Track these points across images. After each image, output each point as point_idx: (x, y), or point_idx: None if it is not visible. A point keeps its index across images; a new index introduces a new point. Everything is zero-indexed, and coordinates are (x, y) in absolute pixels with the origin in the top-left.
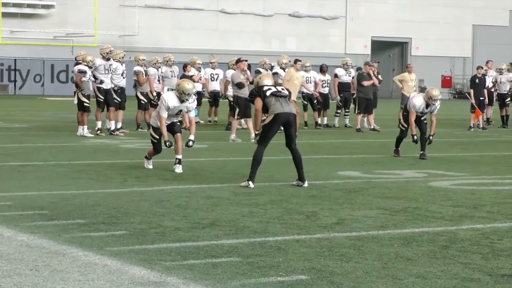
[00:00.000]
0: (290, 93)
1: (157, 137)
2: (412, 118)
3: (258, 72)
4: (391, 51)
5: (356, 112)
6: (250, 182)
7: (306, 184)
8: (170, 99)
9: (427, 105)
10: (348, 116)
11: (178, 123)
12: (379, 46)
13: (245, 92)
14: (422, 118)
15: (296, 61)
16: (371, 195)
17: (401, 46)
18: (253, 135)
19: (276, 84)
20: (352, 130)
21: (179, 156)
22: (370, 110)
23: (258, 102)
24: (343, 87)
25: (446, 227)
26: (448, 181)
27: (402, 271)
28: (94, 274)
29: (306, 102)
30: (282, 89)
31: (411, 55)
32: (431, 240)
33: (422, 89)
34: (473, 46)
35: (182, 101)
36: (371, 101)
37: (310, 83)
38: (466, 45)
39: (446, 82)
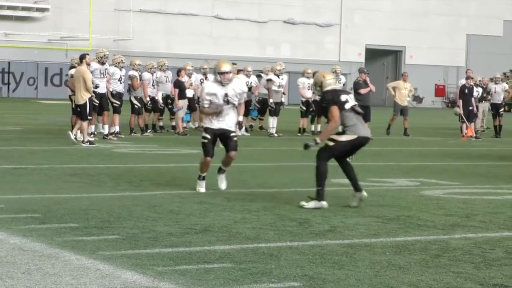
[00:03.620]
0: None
1: (208, 136)
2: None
3: (259, 76)
4: (385, 59)
5: None
6: (324, 202)
7: (365, 194)
8: (208, 85)
9: None
10: None
11: (235, 139)
12: (373, 54)
13: None
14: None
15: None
16: (364, 203)
17: (395, 55)
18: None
19: (345, 92)
20: None
21: (224, 168)
22: (367, 118)
23: (336, 112)
24: None
25: (438, 236)
26: (441, 190)
27: (394, 279)
28: (86, 278)
29: (304, 108)
30: (356, 104)
31: (405, 64)
32: (423, 249)
33: (416, 98)
34: (466, 55)
35: (222, 85)
36: (368, 109)
37: (251, 87)
38: (460, 54)
39: (440, 91)
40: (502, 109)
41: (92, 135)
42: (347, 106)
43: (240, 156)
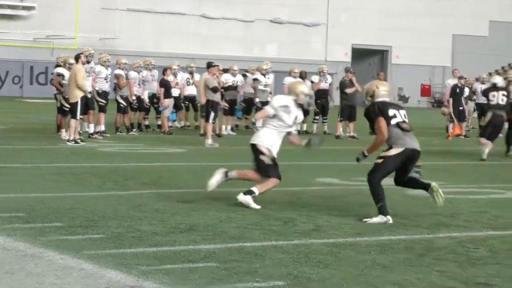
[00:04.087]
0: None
1: (274, 156)
2: None
3: (244, 76)
4: (371, 59)
5: (339, 119)
6: (389, 217)
7: (434, 184)
8: (281, 98)
9: None
10: (326, 123)
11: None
12: (360, 54)
13: (218, 97)
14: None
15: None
16: (349, 202)
17: (382, 54)
18: (209, 141)
19: (395, 106)
20: (331, 136)
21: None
22: (353, 117)
23: (383, 124)
24: (320, 94)
25: (423, 235)
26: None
27: (378, 278)
28: (70, 278)
29: None
30: (405, 115)
31: (391, 63)
32: (407, 248)
33: (402, 98)
34: (452, 55)
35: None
36: (354, 108)
37: (237, 86)
38: (446, 54)
39: (426, 91)
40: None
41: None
42: (393, 121)
43: (227, 155)
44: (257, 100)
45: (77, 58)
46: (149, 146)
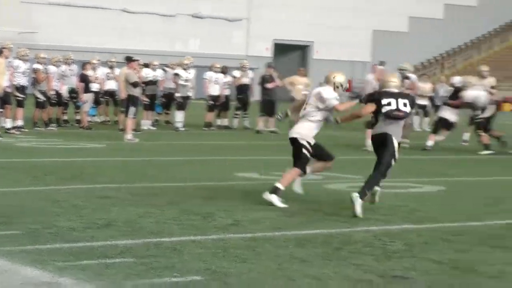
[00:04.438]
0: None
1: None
2: None
3: (164, 70)
4: (293, 54)
5: (260, 114)
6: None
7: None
8: (331, 91)
9: None
10: (247, 118)
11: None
12: (282, 49)
13: (138, 91)
14: None
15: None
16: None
17: (303, 50)
18: (128, 136)
19: (401, 95)
20: (251, 131)
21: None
22: (273, 112)
23: (368, 108)
24: (241, 89)
25: (341, 229)
26: (344, 184)
27: (296, 272)
28: None
29: (212, 103)
30: (405, 104)
31: (312, 59)
32: (325, 242)
33: None
34: (372, 51)
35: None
36: (275, 103)
37: (156, 81)
38: (366, 50)
39: None
40: None
41: None
42: (384, 109)
43: (146, 150)
44: (177, 95)
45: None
46: (68, 141)
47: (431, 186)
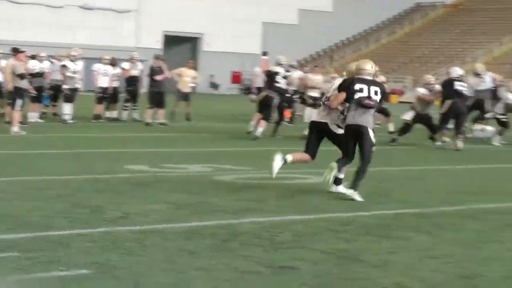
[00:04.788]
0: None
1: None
2: None
3: (51, 62)
4: (183, 46)
5: (148, 106)
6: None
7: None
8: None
9: None
10: (136, 110)
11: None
12: (172, 41)
13: (25, 83)
14: None
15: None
16: (157, 189)
17: (193, 42)
18: (15, 128)
19: (373, 83)
20: (140, 124)
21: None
22: (162, 104)
23: (339, 97)
24: (131, 81)
25: (229, 221)
26: (234, 175)
27: (184, 264)
28: None
29: (100, 95)
30: (376, 92)
31: (203, 51)
32: (213, 234)
33: (213, 85)
34: (262, 43)
35: None
36: (163, 95)
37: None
38: (256, 42)
39: (236, 78)
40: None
41: None
42: (356, 95)
43: (34, 143)
44: (65, 87)
45: None
46: None
47: (318, 177)
